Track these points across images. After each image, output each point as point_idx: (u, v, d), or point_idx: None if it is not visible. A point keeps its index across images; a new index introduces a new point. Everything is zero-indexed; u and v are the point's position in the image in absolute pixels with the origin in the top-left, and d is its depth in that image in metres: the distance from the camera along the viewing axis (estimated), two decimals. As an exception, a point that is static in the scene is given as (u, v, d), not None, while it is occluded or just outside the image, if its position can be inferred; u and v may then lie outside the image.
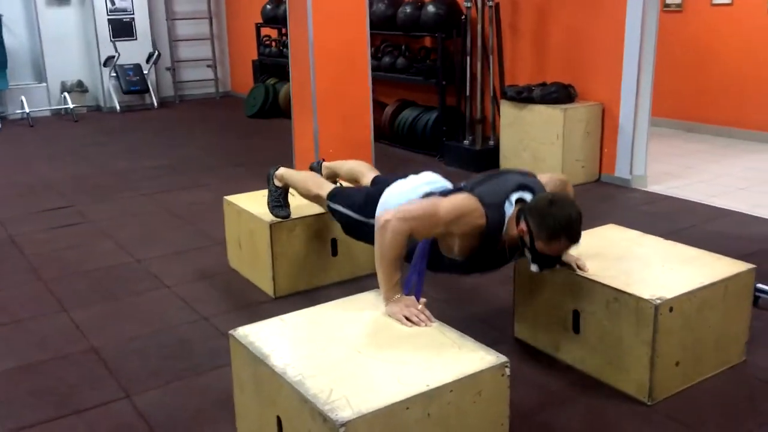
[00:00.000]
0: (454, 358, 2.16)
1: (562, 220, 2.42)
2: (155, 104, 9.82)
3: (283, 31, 9.01)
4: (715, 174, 5.81)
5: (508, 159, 5.85)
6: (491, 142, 6.12)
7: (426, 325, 2.35)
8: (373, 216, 2.85)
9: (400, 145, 6.88)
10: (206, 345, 3.14)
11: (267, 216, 3.56)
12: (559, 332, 2.89)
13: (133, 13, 9.61)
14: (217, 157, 6.82)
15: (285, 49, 8.56)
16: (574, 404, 2.63)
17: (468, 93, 6.12)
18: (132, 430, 2.54)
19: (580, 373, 2.80)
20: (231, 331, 2.38)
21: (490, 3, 5.82)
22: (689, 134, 7.20)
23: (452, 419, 2.06)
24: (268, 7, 8.79)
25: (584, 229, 2.58)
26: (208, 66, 10.59)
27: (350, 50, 5.22)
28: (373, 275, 3.68)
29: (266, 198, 3.59)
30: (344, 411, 1.89)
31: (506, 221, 2.54)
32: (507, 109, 5.77)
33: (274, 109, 8.76)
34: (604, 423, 2.53)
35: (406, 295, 2.49)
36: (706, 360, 2.74)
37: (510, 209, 2.55)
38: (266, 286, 3.63)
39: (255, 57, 9.54)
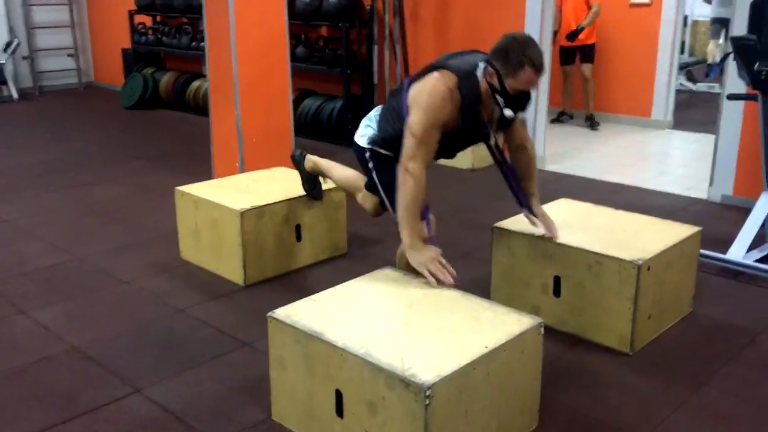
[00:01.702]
0: (495, 321, 2.35)
1: (524, 49, 2.56)
2: (14, 96, 9.13)
3: (159, 18, 8.72)
4: (600, 153, 6.40)
5: (417, 144, 6.10)
6: (399, 129, 6.35)
7: (449, 283, 2.57)
8: None
9: (303, 134, 6.93)
10: (196, 336, 3.11)
11: (234, 204, 3.56)
12: (537, 297, 3.16)
13: (-15, -2, 8.87)
14: (113, 150, 6.52)
15: (164, 37, 8.32)
16: (561, 359, 2.92)
17: (376, 81, 6.30)
18: (159, 421, 2.51)
19: (561, 333, 3.09)
20: (270, 313, 2.42)
21: (397, -6, 6.03)
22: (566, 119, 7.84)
23: (504, 376, 2.25)
24: (143, -7, 8.45)
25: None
26: (70, 55, 9.98)
27: (270, 39, 5.21)
28: (334, 258, 3.84)
29: (300, 180, 3.70)
30: (425, 375, 2.02)
31: (479, 82, 2.66)
32: (416, 97, 6.02)
33: (154, 99, 8.45)
34: (594, 372, 2.83)
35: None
36: (668, 312, 3.13)
37: (480, 72, 2.68)
38: (234, 274, 3.62)
39: (126, 45, 9.12)
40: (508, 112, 2.65)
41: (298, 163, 3.66)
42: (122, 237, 4.30)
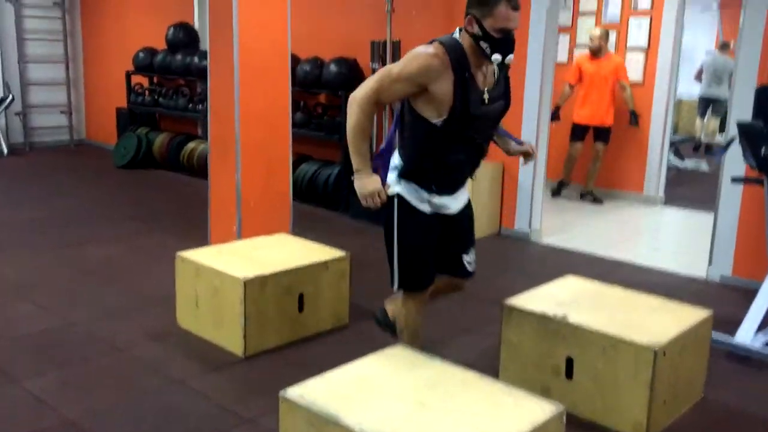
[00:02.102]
0: (516, 407, 2.27)
1: None
2: (5, 152, 9.06)
3: (155, 79, 8.77)
4: (594, 228, 6.41)
5: (414, 214, 6.09)
6: (396, 197, 6.34)
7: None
8: None
9: (299, 199, 6.89)
10: (195, 410, 2.99)
11: (237, 272, 3.48)
12: (548, 378, 3.08)
13: (-18, 53, 8.89)
14: (107, 209, 6.43)
15: (160, 98, 8.35)
16: (579, 446, 2.83)
17: (374, 150, 6.32)
18: (158, 506, 2.37)
19: (573, 417, 3.00)
20: (282, 392, 2.33)
21: (397, 65, 6.10)
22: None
23: (526, 466, 2.16)
24: (141, 55, 8.51)
25: (528, 281, 2.83)
26: (62, 112, 9.97)
27: (274, 104, 5.22)
28: (336, 330, 3.75)
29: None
30: (449, 465, 1.94)
31: (461, 41, 2.66)
32: (414, 166, 6.04)
33: (148, 159, 8.41)
34: (610, 461, 2.74)
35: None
36: (681, 398, 3.06)
37: (459, 33, 2.71)
38: (234, 345, 3.52)
39: (121, 105, 9.13)
40: (496, 57, 2.60)
41: (386, 326, 3.21)
42: (116, 301, 4.19)
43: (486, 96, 2.70)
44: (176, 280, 3.83)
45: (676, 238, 6.26)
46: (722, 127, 8.24)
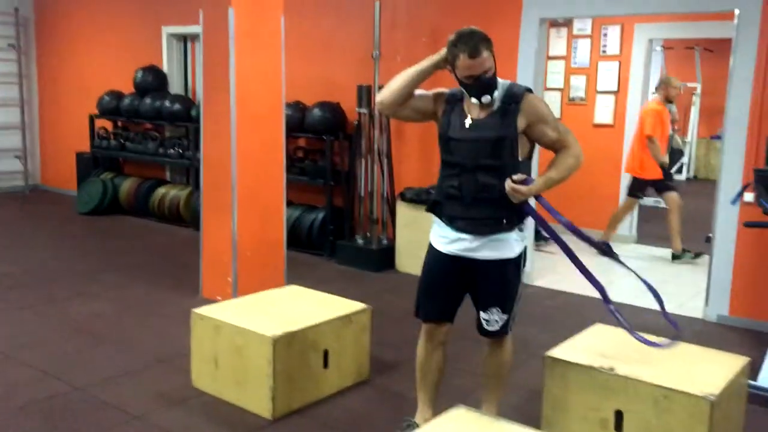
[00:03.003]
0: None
1: (454, 35, 2.80)
2: (-43, 199, 8.63)
3: (120, 123, 8.52)
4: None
5: (405, 258, 6.03)
6: (385, 241, 6.27)
7: None
8: None
9: (281, 245, 6.75)
10: (236, 481, 2.81)
11: (263, 329, 3.33)
12: (596, 432, 3.03)
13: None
14: (81, 260, 6.14)
15: (127, 142, 8.11)
16: (639, 501, 2.77)
17: (362, 193, 6.26)
18: None
19: (624, 470, 2.95)
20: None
21: (384, 110, 6.08)
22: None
23: None
24: (107, 98, 8.25)
25: (543, 328, 2.80)
26: (17, 157, 9.57)
27: (268, 150, 5.12)
28: (358, 385, 3.63)
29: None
30: None
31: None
32: (404, 210, 5.99)
33: (113, 205, 8.12)
34: None
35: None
36: (728, 446, 3.05)
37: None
38: (260, 407, 3.35)
39: (80, 149, 8.82)
40: (473, 100, 2.85)
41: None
42: (118, 362, 3.95)
43: (468, 122, 2.87)
44: (192, 338, 3.64)
45: (662, 278, 6.33)
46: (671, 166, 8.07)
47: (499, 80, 2.86)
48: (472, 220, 2.89)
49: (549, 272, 6.20)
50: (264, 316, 3.57)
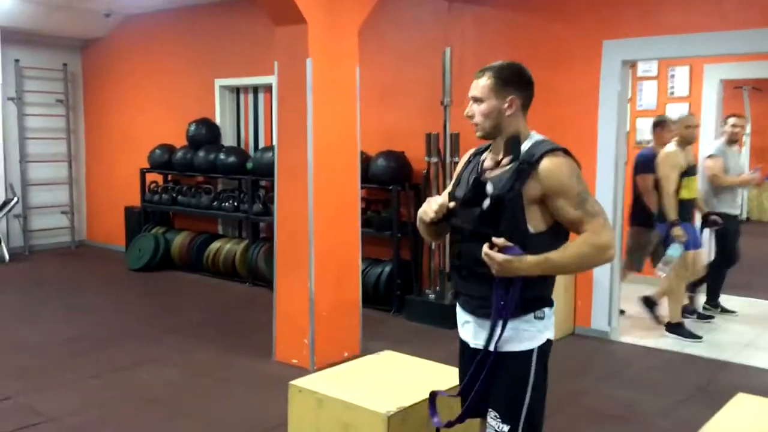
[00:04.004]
0: None
1: None
2: (6, 258, 8.45)
3: (170, 177, 8.36)
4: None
5: (481, 314, 5.70)
6: (457, 297, 5.95)
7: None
8: None
9: (345, 301, 6.46)
10: None
11: (374, 405, 3.02)
12: None
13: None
14: (140, 321, 5.88)
15: (179, 196, 7.93)
16: None
17: (432, 245, 5.97)
18: None
19: None
20: None
21: (456, 159, 5.83)
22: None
23: None
24: (158, 152, 8.12)
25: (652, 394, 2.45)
26: (63, 212, 9.44)
27: (344, 205, 4.88)
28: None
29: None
30: None
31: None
32: (480, 264, 5.69)
33: (165, 261, 7.91)
34: None
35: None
36: None
37: None
38: (370, 491, 3.02)
39: (129, 203, 8.68)
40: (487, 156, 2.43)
41: None
42: (203, 438, 3.66)
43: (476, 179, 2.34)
44: (290, 413, 3.32)
45: (753, 330, 5.92)
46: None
47: (535, 135, 2.33)
48: (470, 298, 2.38)
49: (637, 327, 5.83)
50: (369, 388, 3.26)
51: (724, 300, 6.33)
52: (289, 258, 4.79)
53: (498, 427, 2.32)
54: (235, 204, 7.42)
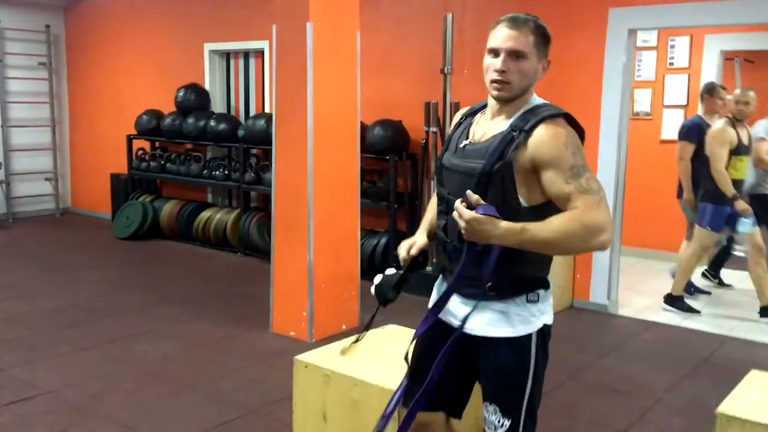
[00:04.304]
0: None
1: None
2: (-10, 225, 8.27)
3: (158, 144, 8.17)
4: (662, 294, 6.05)
5: (479, 286, 5.64)
6: (455, 269, 5.89)
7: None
8: None
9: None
10: None
11: (385, 381, 2.95)
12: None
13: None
14: (132, 291, 5.76)
15: (168, 164, 7.76)
16: None
17: (431, 218, 5.88)
18: None
19: None
20: None
21: (455, 128, 5.71)
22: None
23: None
24: (145, 118, 7.91)
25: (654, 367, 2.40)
26: (47, 179, 9.23)
27: (344, 176, 4.77)
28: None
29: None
30: None
31: None
32: (479, 236, 5.61)
33: (154, 230, 7.76)
34: None
35: None
36: None
37: None
38: (380, 469, 2.96)
39: (115, 170, 8.49)
40: (489, 104, 2.20)
41: None
42: (206, 412, 3.57)
43: (465, 143, 2.13)
44: (294, 389, 3.25)
45: (749, 303, 5.91)
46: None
47: (536, 99, 2.11)
48: (450, 264, 2.17)
49: (635, 297, 5.82)
50: (376, 363, 3.18)
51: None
52: (287, 229, 4.68)
53: (498, 422, 2.09)
54: (226, 172, 7.27)
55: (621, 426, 3.53)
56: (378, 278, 2.38)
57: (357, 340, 2.74)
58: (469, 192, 1.95)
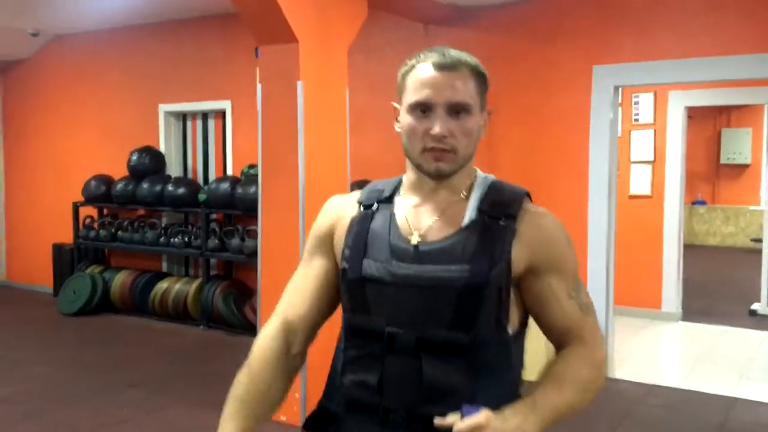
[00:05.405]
0: None
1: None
2: None
3: (106, 211, 7.65)
4: (652, 354, 5.90)
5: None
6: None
7: None
8: None
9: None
10: None
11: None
12: None
13: None
14: (90, 375, 5.19)
15: (119, 231, 7.25)
16: None
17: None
18: None
19: None
20: None
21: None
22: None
23: None
24: (94, 183, 7.40)
25: None
26: (-20, 252, 8.53)
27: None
28: None
29: None
30: None
31: None
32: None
33: (104, 304, 7.18)
34: None
35: None
36: None
37: None
38: None
39: (59, 240, 7.90)
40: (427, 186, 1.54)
41: None
42: None
43: (415, 240, 1.45)
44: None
45: (738, 360, 5.82)
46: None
47: (478, 171, 1.55)
48: None
49: (633, 358, 5.63)
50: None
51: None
52: (277, 301, 4.29)
53: None
54: (186, 239, 6.82)
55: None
56: None
57: None
58: (438, 420, 1.31)
